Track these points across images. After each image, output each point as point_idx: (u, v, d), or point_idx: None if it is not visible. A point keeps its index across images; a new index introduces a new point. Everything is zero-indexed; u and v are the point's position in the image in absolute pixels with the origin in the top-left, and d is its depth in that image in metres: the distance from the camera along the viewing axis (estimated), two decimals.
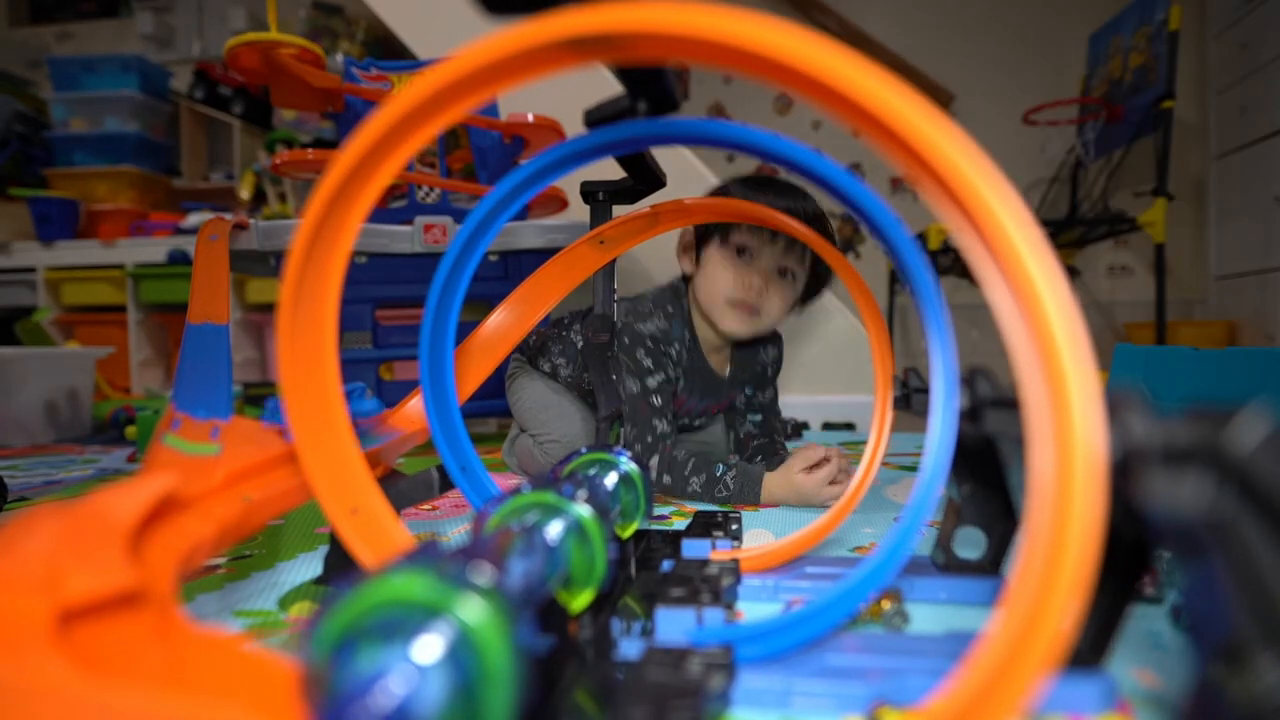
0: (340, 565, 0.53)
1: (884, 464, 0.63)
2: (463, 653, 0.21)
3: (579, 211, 1.30)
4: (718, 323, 0.86)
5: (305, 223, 0.33)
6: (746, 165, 2.86)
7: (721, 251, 0.85)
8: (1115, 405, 0.24)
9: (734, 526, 0.60)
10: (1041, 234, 0.21)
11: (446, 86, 0.29)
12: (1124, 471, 0.24)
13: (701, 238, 0.88)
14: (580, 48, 0.27)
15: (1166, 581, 0.47)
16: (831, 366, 1.70)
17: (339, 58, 2.07)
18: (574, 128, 0.49)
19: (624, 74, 0.46)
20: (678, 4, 0.23)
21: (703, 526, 0.61)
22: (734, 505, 0.77)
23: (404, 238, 1.28)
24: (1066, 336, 0.21)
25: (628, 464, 0.51)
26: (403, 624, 0.21)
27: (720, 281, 0.84)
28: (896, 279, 2.26)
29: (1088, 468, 0.20)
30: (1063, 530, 0.21)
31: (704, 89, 2.96)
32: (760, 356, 0.96)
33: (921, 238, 2.12)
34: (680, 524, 0.70)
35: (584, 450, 0.52)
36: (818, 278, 0.89)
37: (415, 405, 0.62)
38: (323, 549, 0.64)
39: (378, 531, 0.41)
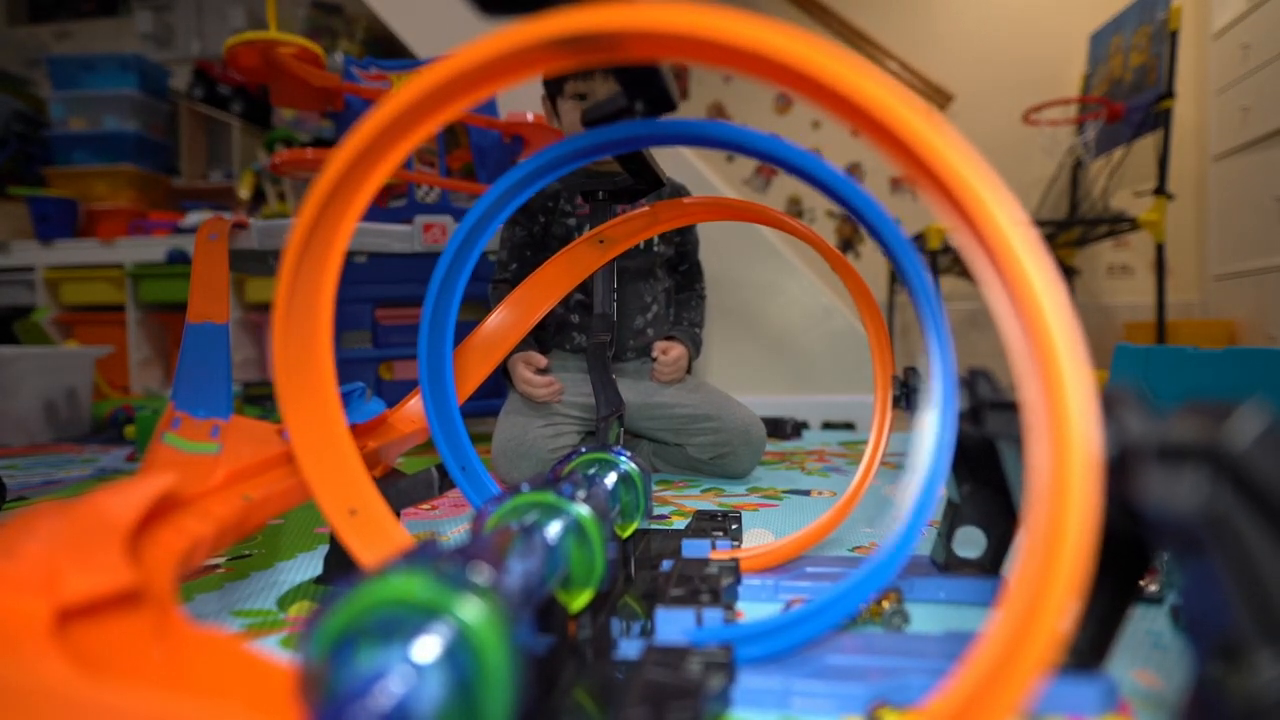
0: (340, 565, 0.53)
1: (884, 464, 0.63)
2: (461, 652, 0.21)
3: None
4: None
5: (300, 222, 0.33)
6: (745, 165, 2.86)
7: (565, 104, 0.91)
8: (1111, 403, 0.24)
9: (734, 526, 0.60)
10: (1037, 234, 0.21)
11: (440, 86, 0.29)
12: (1121, 469, 0.24)
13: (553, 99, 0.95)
14: (573, 47, 0.27)
15: (1166, 581, 0.47)
16: (831, 366, 1.70)
17: (338, 57, 2.07)
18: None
19: (621, 74, 0.46)
20: (670, 3, 0.23)
21: (703, 526, 0.61)
22: None
23: (403, 237, 1.28)
24: (1062, 335, 0.21)
25: (627, 464, 0.51)
26: (401, 624, 0.21)
27: (571, 120, 0.92)
28: (896, 279, 2.26)
29: (1084, 466, 0.20)
30: (1059, 529, 0.21)
31: (704, 88, 2.96)
32: None
33: (921, 238, 2.12)
34: (680, 524, 0.70)
35: (584, 450, 0.52)
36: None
37: (415, 405, 0.62)
38: (322, 549, 0.64)
39: (376, 532, 0.41)
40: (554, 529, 0.34)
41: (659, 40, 0.25)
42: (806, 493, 0.90)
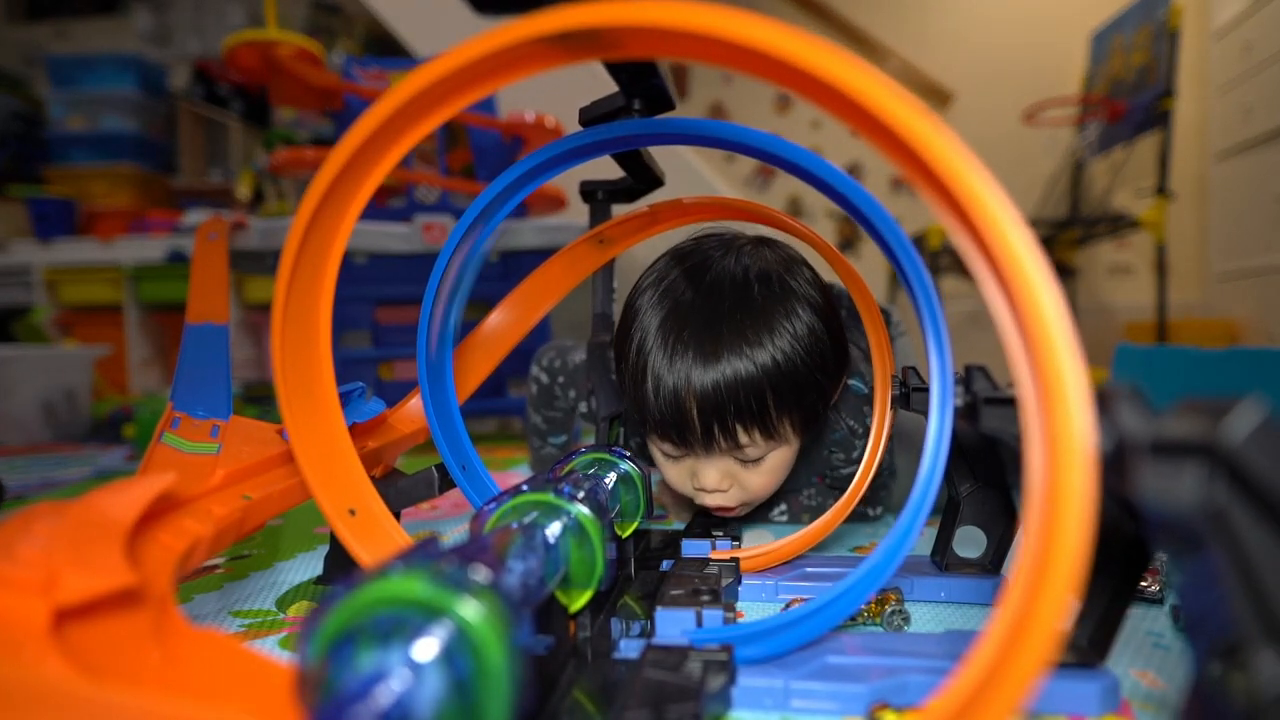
0: (340, 565, 0.53)
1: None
2: (460, 652, 0.21)
3: (578, 211, 1.31)
4: None
5: (296, 223, 0.33)
6: (745, 165, 2.86)
7: (651, 444, 0.61)
8: (1107, 398, 0.24)
9: (734, 526, 0.60)
10: (1034, 234, 0.21)
11: (434, 85, 0.29)
12: (1117, 464, 0.24)
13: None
14: (569, 43, 0.27)
15: (1167, 581, 0.47)
16: None
17: (336, 56, 2.07)
18: (575, 127, 0.49)
19: (618, 72, 0.46)
20: (668, 0, 0.23)
21: (703, 526, 0.61)
22: None
23: (403, 237, 1.28)
24: (1059, 333, 0.21)
25: (627, 464, 0.51)
26: (400, 623, 0.21)
27: (664, 472, 0.62)
28: (897, 279, 2.26)
29: (1080, 463, 0.20)
30: (1056, 528, 0.21)
31: (703, 88, 2.96)
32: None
33: (921, 238, 2.12)
34: (680, 524, 0.70)
35: (584, 450, 0.52)
36: (816, 388, 0.56)
37: (415, 405, 0.62)
38: (322, 549, 0.64)
39: (376, 532, 0.41)
40: (554, 529, 0.34)
41: (657, 37, 0.25)
42: None
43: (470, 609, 0.21)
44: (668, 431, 0.56)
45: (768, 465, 0.58)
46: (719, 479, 0.57)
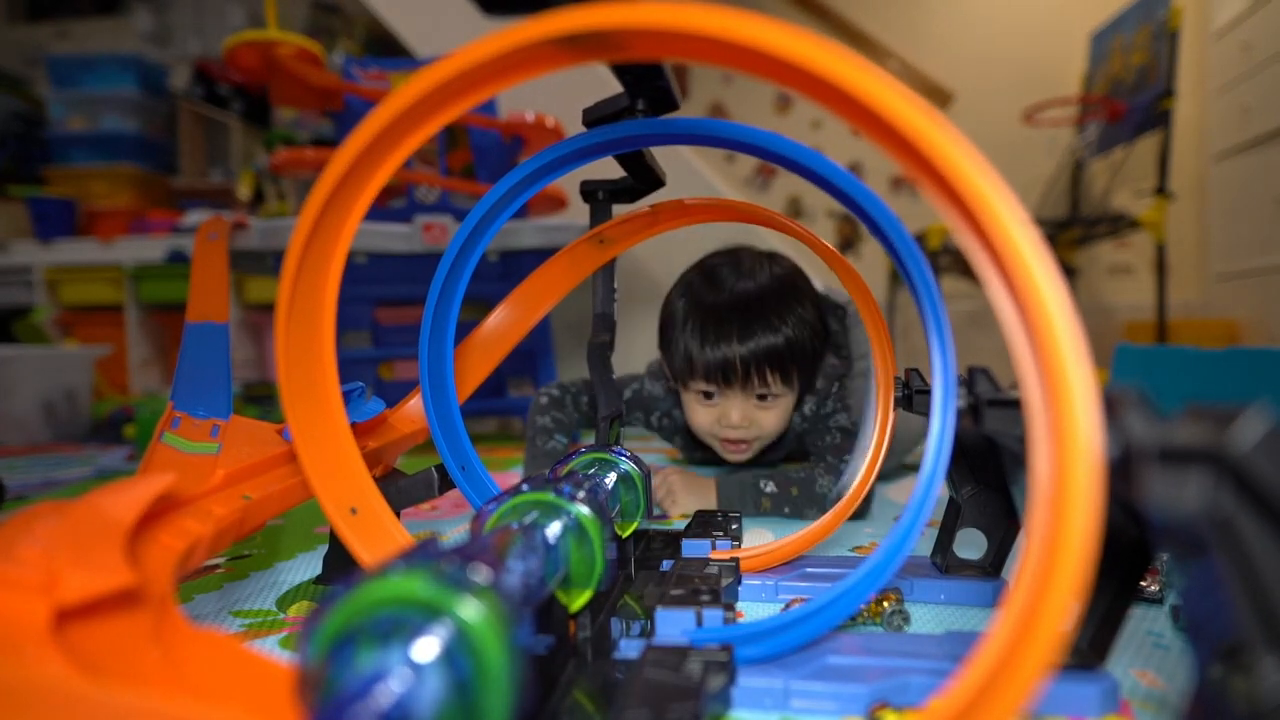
0: (340, 565, 0.53)
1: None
2: (460, 652, 0.21)
3: (579, 211, 1.30)
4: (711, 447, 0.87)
5: (302, 223, 0.33)
6: (745, 165, 2.86)
7: (688, 394, 0.83)
8: (1114, 403, 0.24)
9: (734, 526, 0.60)
10: (1038, 234, 0.21)
11: (442, 86, 0.29)
12: (1123, 470, 0.24)
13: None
14: (576, 45, 0.27)
15: (1166, 581, 0.47)
16: None
17: (337, 57, 2.07)
18: (575, 128, 0.49)
19: (622, 73, 0.46)
20: (673, 2, 0.23)
21: (703, 526, 0.61)
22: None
23: (403, 237, 1.28)
24: (1066, 335, 0.21)
25: (627, 464, 0.51)
26: (400, 623, 0.21)
27: (697, 419, 0.83)
28: (897, 278, 2.26)
29: (1087, 468, 0.20)
30: (1061, 531, 0.20)
31: (703, 88, 2.96)
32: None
33: (922, 238, 2.12)
34: (680, 524, 0.70)
35: (584, 450, 0.52)
36: (812, 360, 0.81)
37: (415, 404, 0.62)
38: (322, 549, 0.64)
39: (377, 531, 0.41)
40: (554, 529, 0.34)
41: (662, 38, 0.25)
42: None
43: (470, 609, 0.21)
44: (714, 375, 0.78)
45: (776, 407, 0.81)
46: (741, 417, 0.80)
